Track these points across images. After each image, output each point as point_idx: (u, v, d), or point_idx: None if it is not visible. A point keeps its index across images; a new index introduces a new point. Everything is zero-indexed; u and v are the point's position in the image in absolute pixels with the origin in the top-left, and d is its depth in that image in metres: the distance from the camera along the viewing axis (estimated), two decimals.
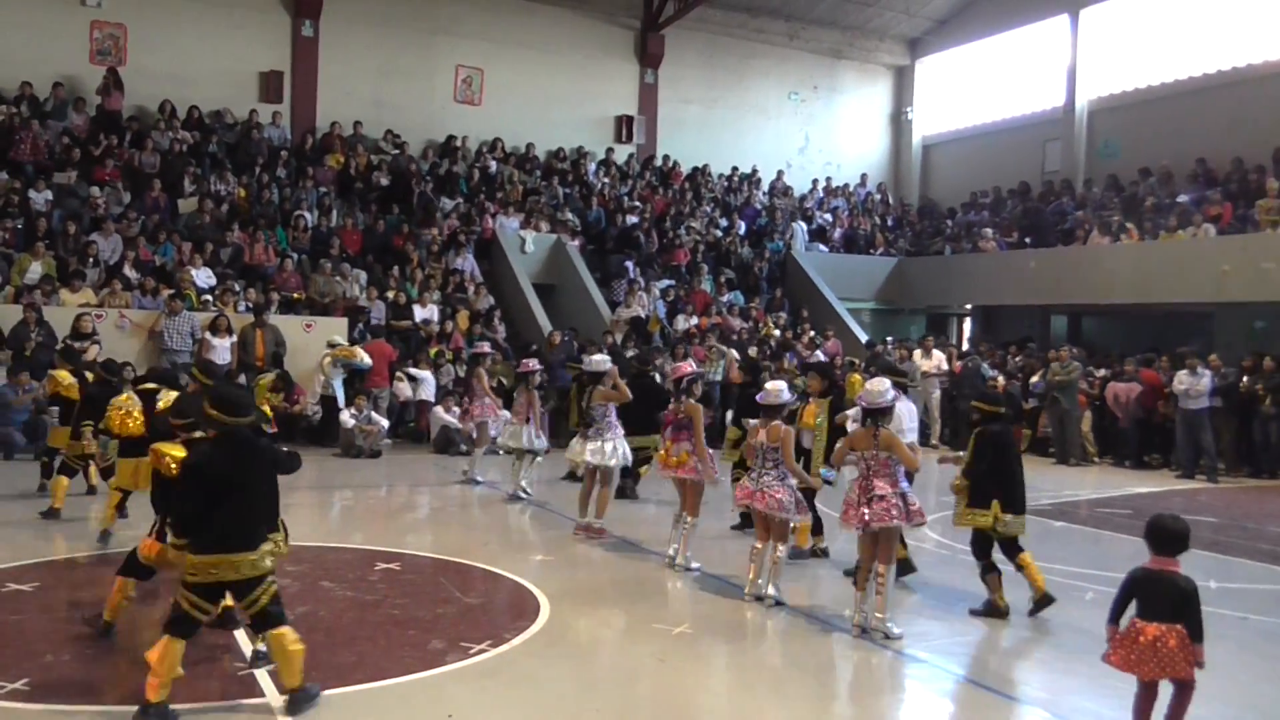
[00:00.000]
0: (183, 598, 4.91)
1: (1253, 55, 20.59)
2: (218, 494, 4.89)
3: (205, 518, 4.87)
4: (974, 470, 7.25)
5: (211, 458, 4.97)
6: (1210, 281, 17.45)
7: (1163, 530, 4.77)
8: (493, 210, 20.79)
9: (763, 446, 7.40)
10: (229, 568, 4.91)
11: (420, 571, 8.04)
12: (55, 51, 19.24)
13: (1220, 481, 14.81)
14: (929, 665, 6.29)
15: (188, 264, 16.53)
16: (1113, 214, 20.53)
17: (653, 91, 25.17)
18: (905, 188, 28.28)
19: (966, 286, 23.13)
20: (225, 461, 4.95)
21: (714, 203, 24.25)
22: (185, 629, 4.91)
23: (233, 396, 5.11)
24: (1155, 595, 4.64)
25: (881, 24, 27.25)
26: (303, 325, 16.29)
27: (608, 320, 18.74)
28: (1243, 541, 10.41)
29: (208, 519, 4.87)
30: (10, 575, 7.38)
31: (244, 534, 4.98)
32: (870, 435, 6.74)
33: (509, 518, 10.75)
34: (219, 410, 4.98)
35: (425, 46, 22.65)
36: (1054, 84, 24.44)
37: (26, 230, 16.17)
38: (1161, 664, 4.56)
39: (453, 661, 5.87)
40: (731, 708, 5.59)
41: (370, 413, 14.81)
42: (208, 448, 5.04)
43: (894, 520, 6.58)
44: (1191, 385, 15.03)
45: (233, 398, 5.09)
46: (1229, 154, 20.03)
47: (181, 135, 19.33)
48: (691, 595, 7.69)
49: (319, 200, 19.62)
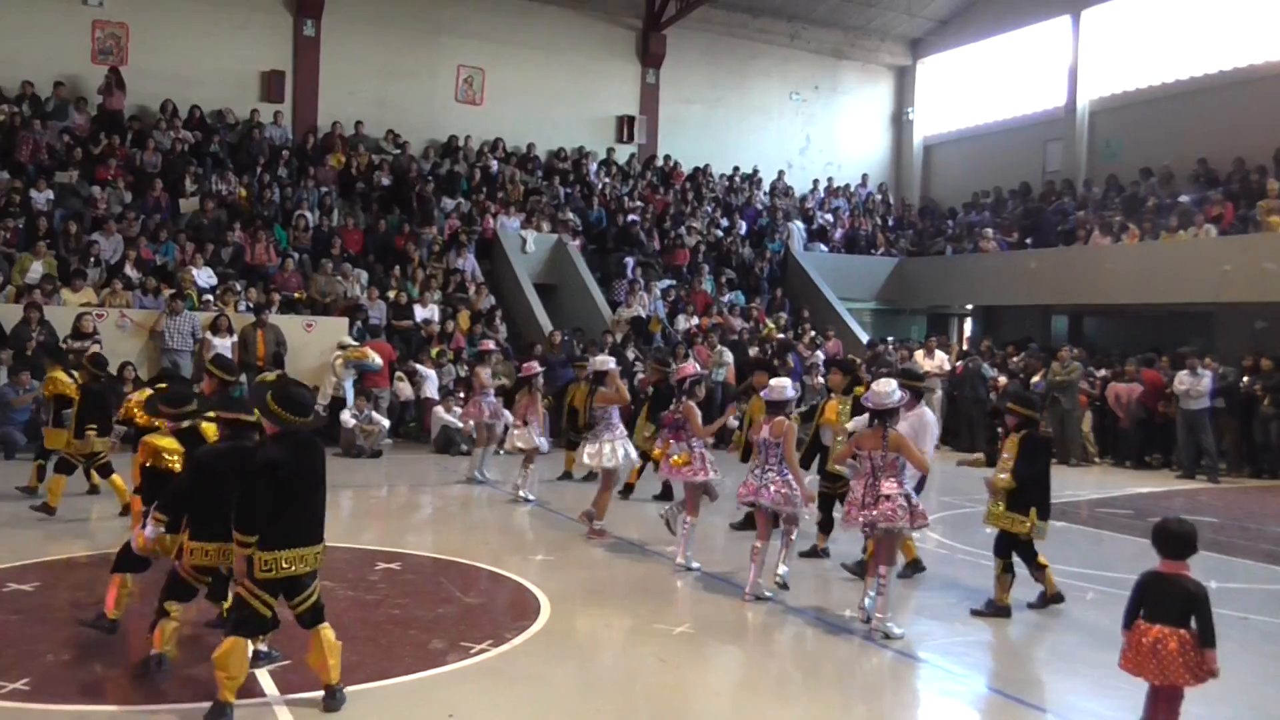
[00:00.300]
0: (251, 595, 4.94)
1: (1254, 56, 20.59)
2: (292, 491, 4.97)
3: (276, 514, 4.91)
4: (1024, 474, 7.23)
5: (286, 456, 5.00)
6: (1211, 282, 17.44)
7: (1169, 534, 4.76)
8: (494, 210, 20.80)
9: (766, 442, 7.41)
10: (301, 561, 4.99)
11: (421, 571, 8.03)
12: (57, 51, 19.26)
13: (1221, 481, 14.80)
14: (931, 666, 6.28)
15: (189, 264, 16.54)
16: (1114, 214, 20.52)
17: (654, 91, 25.17)
18: (906, 188, 28.29)
19: (967, 287, 23.13)
20: (297, 459, 5.02)
21: (715, 203, 24.25)
22: (254, 628, 5.00)
23: (299, 397, 5.15)
24: (1162, 598, 4.63)
25: (883, 24, 27.25)
26: (304, 325, 16.29)
27: (608, 320, 18.74)
28: (1243, 541, 10.40)
29: (279, 515, 4.92)
30: (11, 575, 7.38)
31: (315, 527, 5.13)
32: (878, 435, 6.74)
33: (510, 518, 10.75)
34: (287, 410, 5.02)
35: (427, 46, 22.66)
36: (1055, 84, 24.45)
37: (28, 230, 16.19)
38: (1162, 667, 4.54)
39: (453, 661, 5.87)
40: (732, 708, 5.58)
41: (371, 413, 14.80)
42: (279, 446, 5.03)
43: (899, 522, 6.60)
44: (1192, 385, 15.02)
45: (299, 398, 5.13)
46: (1230, 154, 20.03)
47: (183, 135, 19.36)
48: (692, 595, 7.69)
49: (320, 200, 19.64)
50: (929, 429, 8.24)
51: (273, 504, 4.89)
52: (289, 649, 5.86)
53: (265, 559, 4.89)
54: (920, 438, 8.02)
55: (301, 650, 5.16)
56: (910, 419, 8.01)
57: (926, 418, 8.27)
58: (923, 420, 8.18)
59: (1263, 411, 15.09)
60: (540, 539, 9.65)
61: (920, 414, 8.19)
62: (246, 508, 4.90)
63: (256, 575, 4.91)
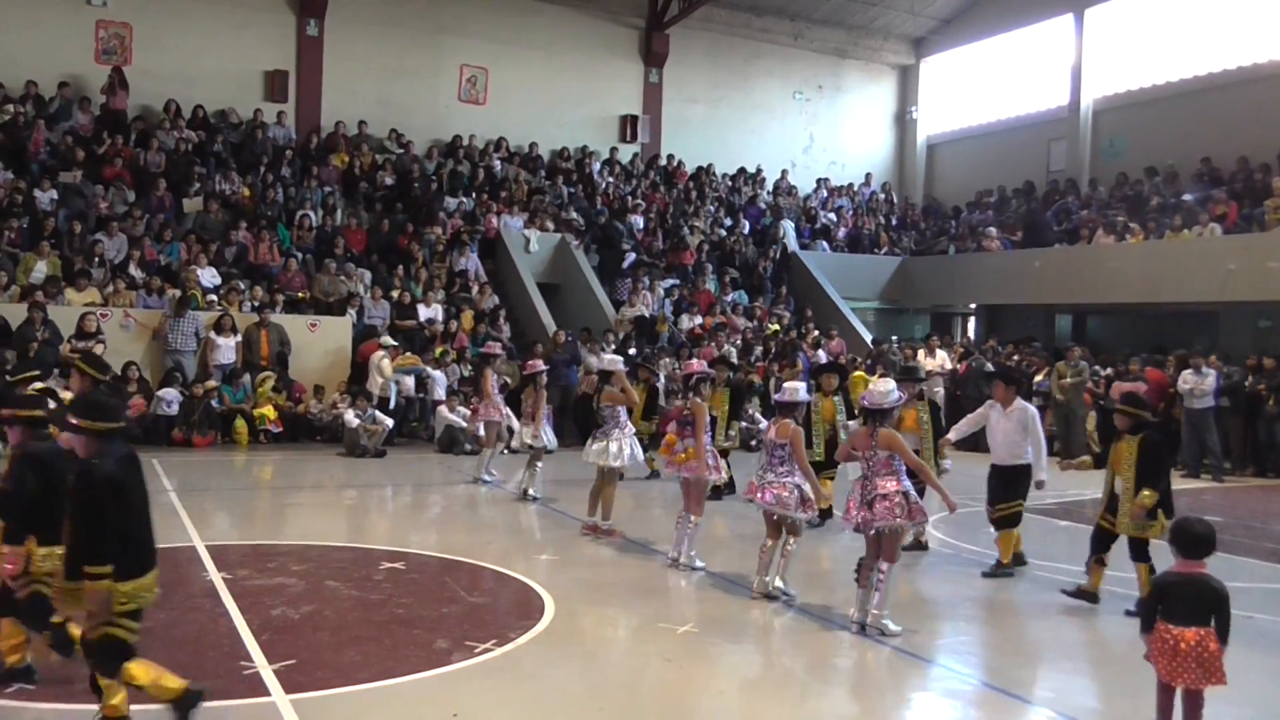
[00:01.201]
0: (116, 628, 4.43)
1: (1258, 54, 20.56)
2: (138, 511, 4.51)
3: (127, 539, 4.42)
4: (1162, 486, 7.24)
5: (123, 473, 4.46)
6: (1215, 281, 17.42)
7: (1189, 534, 4.73)
8: (497, 209, 20.80)
9: (771, 444, 7.41)
10: (154, 589, 4.57)
11: (425, 571, 8.04)
12: (61, 51, 19.29)
13: (1225, 481, 14.79)
14: (935, 664, 6.27)
15: (193, 263, 16.55)
16: (1118, 213, 20.50)
17: (657, 91, 25.17)
18: (910, 187, 28.26)
19: (971, 286, 23.11)
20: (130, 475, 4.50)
21: (718, 202, 24.24)
22: (126, 653, 4.50)
23: (98, 400, 4.69)
24: (1187, 599, 4.57)
25: (886, 23, 27.24)
26: (307, 325, 16.31)
27: (612, 320, 18.74)
28: (1248, 540, 10.40)
29: (129, 540, 4.44)
30: None
31: (153, 550, 4.61)
32: (868, 435, 6.77)
33: (515, 517, 10.76)
34: (88, 416, 4.50)
35: (430, 46, 22.67)
36: (1059, 83, 24.42)
37: (32, 230, 16.21)
38: (1205, 670, 4.48)
39: (458, 661, 5.87)
40: (736, 707, 5.58)
41: (374, 412, 14.81)
42: (110, 463, 4.44)
43: (896, 520, 6.61)
44: (1196, 385, 15.01)
45: (98, 402, 4.66)
46: (1234, 153, 20.01)
47: (186, 135, 19.38)
48: (696, 594, 7.69)
49: (323, 200, 19.65)
50: (1035, 422, 8.51)
51: (121, 528, 4.38)
52: (294, 649, 5.88)
53: (126, 591, 4.40)
54: (1033, 432, 8.42)
55: (305, 650, 5.16)
56: (1014, 414, 8.52)
57: (1030, 411, 8.57)
58: (1027, 414, 8.51)
59: (1267, 410, 15.07)
60: (545, 538, 9.65)
61: (1023, 408, 8.55)
62: (95, 535, 4.34)
63: (117, 609, 4.40)
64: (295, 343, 15.90)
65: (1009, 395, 8.62)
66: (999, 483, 8.58)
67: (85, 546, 4.37)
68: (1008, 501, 8.51)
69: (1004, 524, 8.50)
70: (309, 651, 5.87)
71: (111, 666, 4.46)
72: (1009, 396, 8.61)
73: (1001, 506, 8.52)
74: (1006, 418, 8.59)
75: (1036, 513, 11.71)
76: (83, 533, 4.39)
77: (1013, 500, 8.51)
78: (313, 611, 6.63)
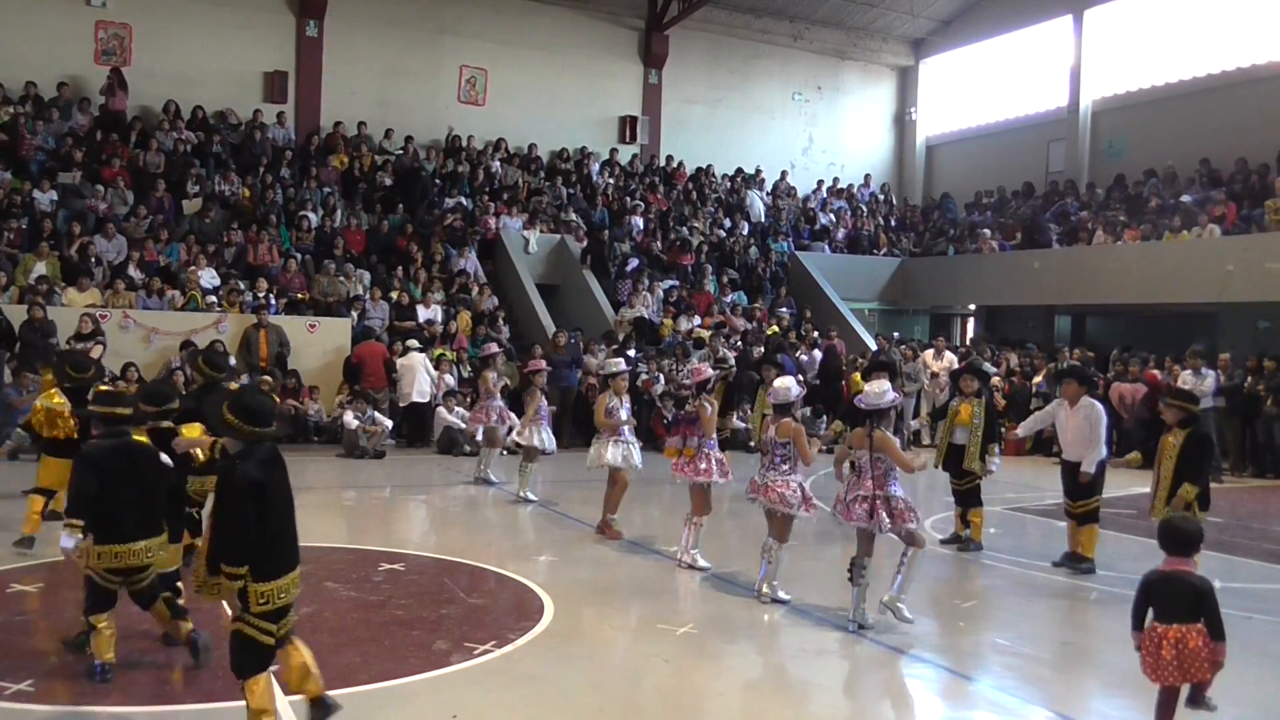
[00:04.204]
0: (250, 628, 4.44)
1: (1257, 56, 20.57)
2: (277, 513, 4.49)
3: (265, 540, 4.41)
4: (1203, 483, 7.33)
5: (265, 475, 4.45)
6: (1214, 282, 17.42)
7: (1174, 531, 4.77)
8: (496, 210, 20.80)
9: (771, 442, 7.41)
10: (293, 588, 4.56)
11: (424, 572, 8.03)
12: (60, 52, 19.29)
13: (1224, 481, 14.78)
14: (934, 665, 6.28)
15: (192, 264, 16.55)
16: (1117, 214, 20.50)
17: (657, 92, 25.18)
18: (909, 188, 28.27)
19: (970, 287, 23.12)
20: (273, 476, 4.50)
21: (717, 203, 24.24)
22: (262, 659, 4.51)
23: (257, 405, 4.63)
24: (1171, 597, 4.61)
25: (885, 24, 27.25)
26: (306, 325, 16.30)
27: (611, 321, 18.73)
28: (1247, 541, 10.41)
29: (268, 541, 4.43)
30: (14, 576, 7.38)
31: (296, 550, 4.64)
32: (864, 435, 6.78)
33: (513, 518, 10.75)
34: (245, 421, 4.50)
35: (430, 47, 22.67)
36: (1058, 84, 24.43)
37: (31, 230, 16.20)
38: (1185, 667, 4.51)
39: (457, 662, 5.87)
40: (737, 708, 5.58)
41: (374, 413, 14.80)
42: (254, 464, 4.45)
43: (909, 525, 6.65)
44: (1195, 386, 14.99)
45: (258, 407, 4.61)
46: (1233, 154, 20.01)
47: (186, 135, 19.38)
48: (696, 595, 7.69)
49: (323, 200, 19.64)
50: (1100, 419, 8.62)
51: (260, 529, 4.38)
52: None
53: (262, 591, 4.41)
54: (1095, 429, 8.53)
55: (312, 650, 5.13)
56: (1080, 411, 8.65)
57: (1097, 408, 8.69)
58: (1094, 410, 8.64)
59: (1265, 411, 15.07)
60: (544, 539, 9.64)
61: (1089, 405, 8.68)
62: (234, 535, 4.36)
63: (254, 609, 4.43)
64: (294, 344, 15.88)
65: (1078, 393, 8.76)
66: (1072, 479, 8.75)
67: (224, 545, 4.41)
68: (1086, 499, 8.66)
69: (1086, 520, 8.67)
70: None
71: (242, 666, 4.46)
72: (1077, 394, 8.76)
73: (1081, 504, 8.67)
74: (1074, 415, 8.75)
75: (1038, 513, 11.73)
76: (222, 531, 4.43)
77: (1090, 497, 8.65)
78: (311, 613, 6.61)
